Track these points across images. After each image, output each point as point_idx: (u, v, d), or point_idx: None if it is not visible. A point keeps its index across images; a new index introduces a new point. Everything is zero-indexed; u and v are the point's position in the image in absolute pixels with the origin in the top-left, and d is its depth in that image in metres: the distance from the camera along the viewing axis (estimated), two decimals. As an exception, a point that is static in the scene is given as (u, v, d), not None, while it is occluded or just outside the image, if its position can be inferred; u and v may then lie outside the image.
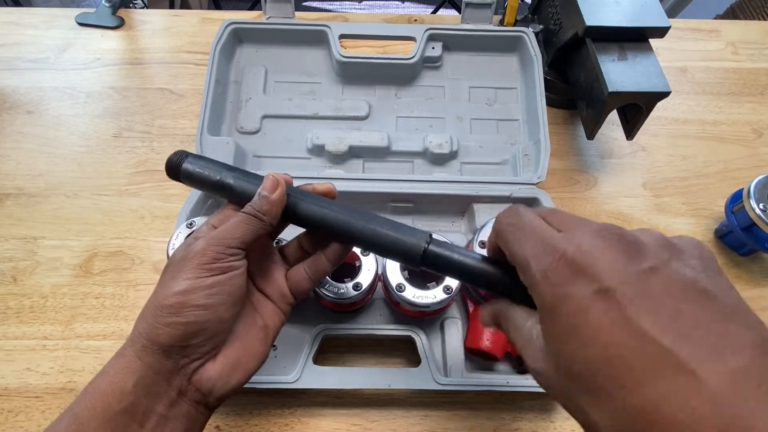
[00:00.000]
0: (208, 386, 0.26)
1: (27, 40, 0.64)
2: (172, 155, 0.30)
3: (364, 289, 0.39)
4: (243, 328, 0.28)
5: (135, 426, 0.24)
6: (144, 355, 0.25)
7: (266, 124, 0.54)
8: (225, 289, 0.26)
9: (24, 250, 0.49)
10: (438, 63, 0.57)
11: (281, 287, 0.31)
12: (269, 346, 0.29)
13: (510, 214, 0.24)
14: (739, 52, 0.67)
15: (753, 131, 0.61)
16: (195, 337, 0.25)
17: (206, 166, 0.30)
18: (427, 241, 0.28)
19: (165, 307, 0.25)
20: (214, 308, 0.25)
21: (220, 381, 0.26)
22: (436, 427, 0.42)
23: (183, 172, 0.30)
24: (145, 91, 0.61)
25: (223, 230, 0.27)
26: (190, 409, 0.26)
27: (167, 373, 0.25)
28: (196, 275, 0.25)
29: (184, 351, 0.25)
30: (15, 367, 0.43)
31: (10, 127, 0.57)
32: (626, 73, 0.48)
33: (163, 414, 0.25)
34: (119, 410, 0.24)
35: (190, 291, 0.25)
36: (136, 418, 0.24)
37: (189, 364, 0.26)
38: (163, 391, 0.25)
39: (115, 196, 0.53)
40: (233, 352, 0.27)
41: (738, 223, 0.48)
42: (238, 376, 0.27)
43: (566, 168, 0.57)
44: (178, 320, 0.25)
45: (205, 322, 0.25)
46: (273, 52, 0.57)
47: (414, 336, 0.41)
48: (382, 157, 0.53)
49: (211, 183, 0.30)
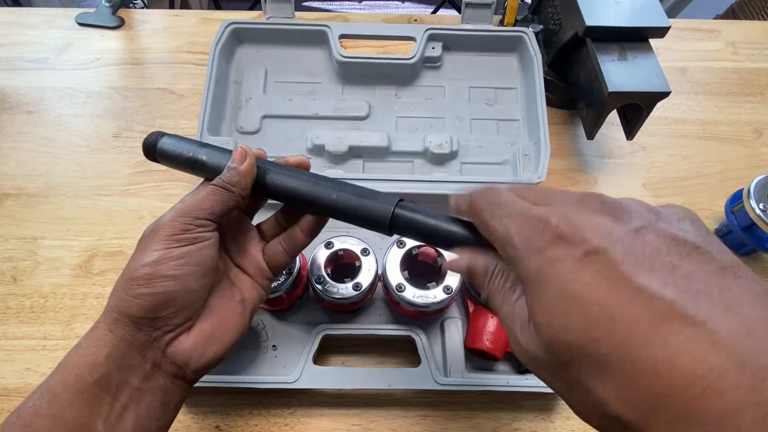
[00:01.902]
0: (183, 359, 0.26)
1: (27, 40, 0.64)
2: (148, 135, 0.31)
3: (364, 289, 0.39)
4: (219, 302, 0.28)
5: (108, 398, 0.24)
6: (115, 328, 0.25)
7: (266, 124, 0.54)
8: (194, 259, 0.26)
9: (24, 250, 0.49)
10: (438, 63, 0.57)
11: (258, 262, 0.31)
12: (247, 319, 0.29)
13: (486, 192, 0.23)
14: (739, 52, 0.67)
15: (753, 131, 0.61)
16: (165, 309, 0.25)
17: (180, 145, 0.30)
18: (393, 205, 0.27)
19: (134, 279, 0.25)
20: (183, 279, 0.25)
21: (195, 353, 0.26)
22: (436, 427, 0.42)
23: (158, 151, 0.31)
24: (145, 91, 0.61)
25: (191, 202, 0.27)
26: (166, 383, 0.26)
27: (140, 345, 0.25)
28: (164, 246, 0.25)
29: (155, 323, 0.25)
30: (15, 367, 0.43)
31: (10, 127, 0.57)
32: (626, 73, 0.48)
33: (137, 387, 0.25)
34: (91, 382, 0.24)
35: (159, 262, 0.25)
36: (109, 390, 0.24)
37: (162, 337, 0.26)
38: (137, 364, 0.25)
39: (115, 196, 0.53)
40: (208, 325, 0.27)
41: (738, 223, 0.48)
42: (214, 348, 0.27)
43: (566, 168, 0.57)
44: (146, 291, 0.25)
45: (173, 292, 0.25)
46: (273, 52, 0.57)
47: (414, 336, 0.41)
48: (382, 157, 0.53)
49: (185, 159, 0.30)
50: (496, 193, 0.22)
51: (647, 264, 0.16)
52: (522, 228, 0.19)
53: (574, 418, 0.42)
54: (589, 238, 0.17)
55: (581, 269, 0.17)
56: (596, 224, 0.18)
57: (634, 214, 0.18)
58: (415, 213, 0.27)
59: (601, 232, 0.17)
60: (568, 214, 0.18)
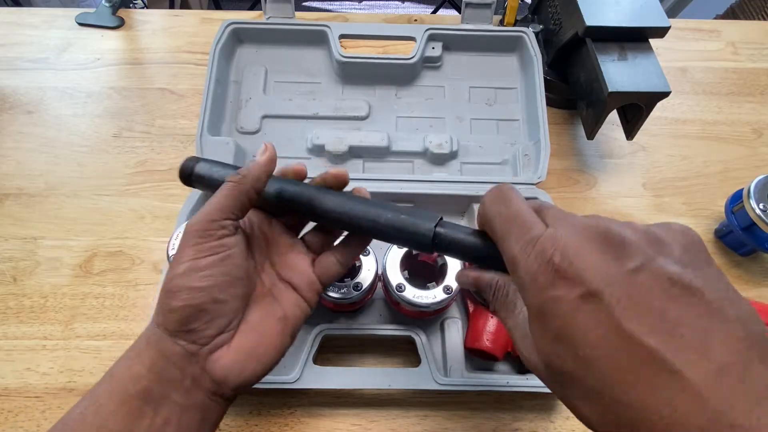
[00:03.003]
0: (221, 374, 0.26)
1: (27, 40, 0.64)
2: (184, 162, 0.33)
3: (364, 289, 0.39)
4: (259, 318, 0.28)
5: (150, 411, 0.24)
6: (155, 341, 0.25)
7: (266, 124, 0.54)
8: (220, 270, 0.26)
9: (24, 250, 0.49)
10: (438, 63, 0.57)
11: (308, 275, 0.31)
12: (288, 338, 0.29)
13: (496, 200, 0.24)
14: (739, 52, 0.67)
15: (753, 131, 0.61)
16: (196, 320, 0.25)
17: (213, 170, 0.32)
18: (435, 224, 0.27)
19: (167, 292, 0.25)
20: (210, 290, 0.25)
21: (233, 370, 0.26)
22: (436, 427, 0.42)
23: (194, 177, 0.32)
24: (145, 91, 0.61)
25: (207, 205, 0.27)
26: (205, 399, 0.26)
27: (178, 359, 0.25)
28: (191, 256, 0.26)
29: (189, 335, 0.25)
30: (15, 367, 0.43)
31: (10, 127, 0.57)
32: (626, 73, 0.48)
33: (177, 401, 0.25)
34: (134, 393, 0.24)
35: (187, 273, 0.25)
36: (150, 402, 0.24)
37: (199, 351, 0.26)
38: (177, 379, 0.25)
39: (115, 196, 0.53)
40: (247, 342, 0.27)
41: (738, 223, 0.48)
42: (253, 366, 0.27)
43: (566, 168, 0.57)
44: (177, 304, 0.25)
45: (202, 303, 0.25)
46: (273, 52, 0.57)
47: (414, 336, 0.41)
48: (382, 157, 0.53)
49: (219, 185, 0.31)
50: (505, 201, 0.24)
51: (638, 308, 0.18)
52: (527, 260, 0.21)
53: (574, 418, 0.42)
54: (587, 279, 0.19)
55: (577, 311, 0.19)
56: (595, 264, 0.19)
57: (634, 250, 0.19)
58: (455, 231, 0.27)
59: (599, 273, 0.19)
60: (570, 250, 0.20)
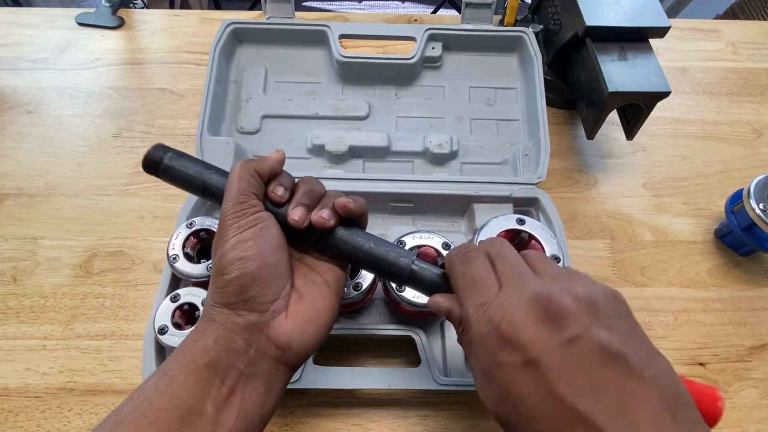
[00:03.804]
0: (285, 340, 0.27)
1: (27, 40, 0.64)
2: (151, 149, 0.31)
3: (364, 289, 0.39)
4: (303, 285, 0.30)
5: (217, 381, 0.25)
6: (217, 316, 0.27)
7: (266, 124, 0.54)
8: (262, 238, 0.28)
9: (24, 250, 0.49)
10: (438, 63, 0.57)
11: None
12: (335, 300, 0.30)
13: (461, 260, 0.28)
14: (739, 52, 0.67)
15: (753, 131, 0.61)
16: (251, 288, 0.27)
17: (186, 165, 0.31)
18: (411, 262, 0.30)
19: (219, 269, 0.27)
20: (258, 256, 0.27)
21: (295, 334, 0.28)
22: (436, 427, 0.42)
23: (162, 169, 0.31)
24: (145, 91, 0.61)
25: (227, 192, 0.29)
26: (270, 367, 0.27)
27: (242, 330, 0.27)
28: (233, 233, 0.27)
29: (247, 305, 0.27)
30: (15, 367, 0.43)
31: (10, 127, 0.57)
32: (626, 73, 0.48)
33: (242, 371, 0.26)
34: (202, 365, 0.25)
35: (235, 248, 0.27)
36: (218, 373, 0.25)
37: (260, 320, 0.27)
38: (242, 349, 0.26)
39: (115, 196, 0.53)
40: (303, 308, 0.29)
41: (738, 223, 0.48)
42: (312, 329, 0.28)
43: (566, 168, 0.57)
44: (231, 276, 0.27)
45: (254, 270, 0.27)
46: (273, 52, 0.57)
47: (414, 336, 0.41)
48: (382, 157, 0.53)
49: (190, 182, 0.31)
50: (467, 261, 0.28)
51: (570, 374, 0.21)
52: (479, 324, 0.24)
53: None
54: (527, 348, 0.22)
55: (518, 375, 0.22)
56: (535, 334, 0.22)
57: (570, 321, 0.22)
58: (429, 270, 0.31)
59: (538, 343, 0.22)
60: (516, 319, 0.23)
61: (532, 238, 0.41)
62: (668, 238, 0.53)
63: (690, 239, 0.53)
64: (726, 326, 0.48)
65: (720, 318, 0.48)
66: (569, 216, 0.54)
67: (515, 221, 0.42)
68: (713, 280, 0.50)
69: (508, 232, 0.42)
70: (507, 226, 0.42)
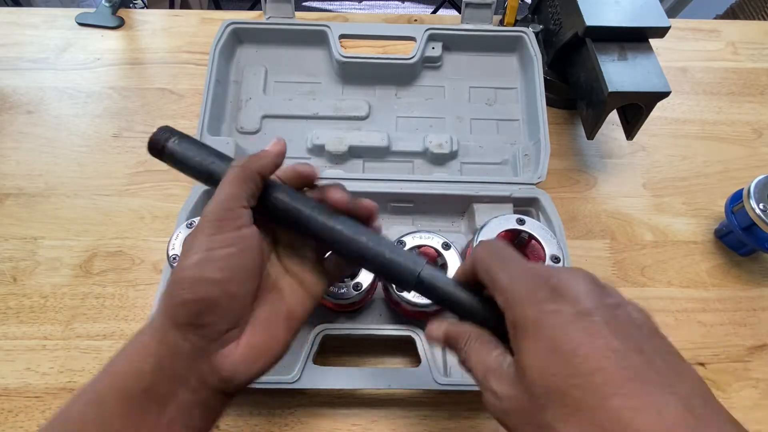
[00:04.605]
0: (230, 371, 0.25)
1: (27, 40, 0.64)
2: (156, 132, 0.29)
3: (364, 289, 0.39)
4: (266, 313, 0.27)
5: (155, 409, 0.23)
6: (160, 335, 0.24)
7: (266, 124, 0.54)
8: (237, 263, 0.25)
9: (24, 250, 0.49)
10: (438, 63, 0.57)
11: (316, 269, 0.30)
12: (293, 333, 0.28)
13: (490, 247, 0.26)
14: (739, 52, 0.67)
15: (753, 131, 0.61)
16: (208, 314, 0.24)
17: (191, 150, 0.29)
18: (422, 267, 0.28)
19: (177, 281, 0.24)
20: (226, 283, 0.24)
21: (242, 367, 0.25)
22: (436, 427, 0.42)
23: (167, 151, 0.28)
24: (145, 91, 0.61)
25: (217, 193, 0.26)
26: (209, 396, 0.25)
27: (186, 355, 0.24)
28: (206, 246, 0.24)
29: (198, 330, 0.24)
30: (15, 367, 0.43)
31: (10, 127, 0.57)
32: (626, 73, 0.48)
33: (183, 400, 0.24)
34: (138, 391, 0.23)
35: (202, 264, 0.24)
36: (155, 401, 0.23)
37: (207, 347, 0.24)
38: (183, 376, 0.24)
39: (115, 196, 0.53)
40: (256, 338, 0.26)
41: (738, 223, 0.48)
42: (261, 363, 0.26)
43: (566, 168, 0.57)
44: (186, 297, 0.24)
45: (214, 298, 0.24)
46: (273, 52, 0.57)
47: (414, 336, 0.41)
48: (382, 157, 0.53)
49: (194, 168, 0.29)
50: (501, 247, 0.26)
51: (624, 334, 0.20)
52: (525, 280, 0.23)
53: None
54: (581, 301, 0.21)
55: (573, 324, 0.20)
56: (587, 291, 0.22)
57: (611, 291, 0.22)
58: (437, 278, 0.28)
59: (591, 298, 0.21)
60: (564, 278, 0.22)
61: (532, 238, 0.42)
62: (668, 238, 0.53)
63: (690, 239, 0.53)
64: (726, 326, 0.48)
65: (720, 318, 0.48)
66: (569, 216, 0.54)
67: (515, 221, 0.42)
68: (713, 280, 0.50)
69: (508, 232, 0.42)
70: (507, 226, 0.42)
